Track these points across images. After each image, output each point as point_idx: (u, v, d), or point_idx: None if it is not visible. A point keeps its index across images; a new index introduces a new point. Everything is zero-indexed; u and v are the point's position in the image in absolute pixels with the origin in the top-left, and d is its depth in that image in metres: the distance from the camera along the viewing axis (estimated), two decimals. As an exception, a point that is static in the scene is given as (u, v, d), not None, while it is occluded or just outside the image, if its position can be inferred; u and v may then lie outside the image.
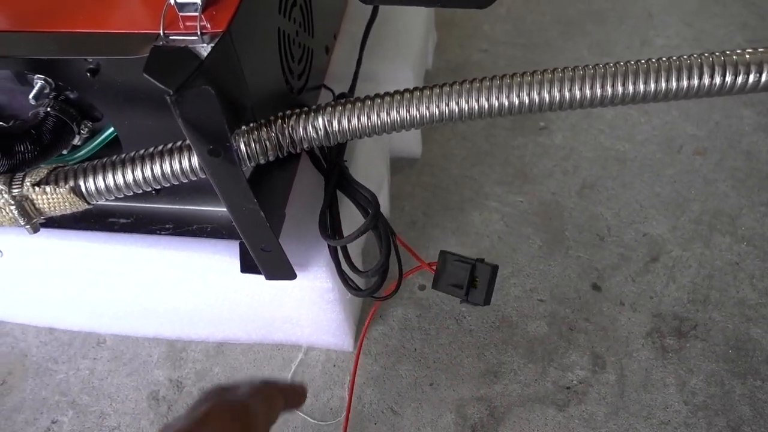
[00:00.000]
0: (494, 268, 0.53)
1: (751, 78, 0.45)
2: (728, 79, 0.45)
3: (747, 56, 0.45)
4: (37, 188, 0.46)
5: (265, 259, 0.52)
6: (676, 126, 0.83)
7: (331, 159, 0.60)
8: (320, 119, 0.47)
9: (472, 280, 0.54)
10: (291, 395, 0.43)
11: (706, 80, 0.46)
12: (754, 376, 0.59)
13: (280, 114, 0.48)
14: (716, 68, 0.46)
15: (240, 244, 0.55)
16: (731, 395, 0.58)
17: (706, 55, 0.46)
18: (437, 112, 0.48)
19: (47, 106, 0.49)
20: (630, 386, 0.60)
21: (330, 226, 0.56)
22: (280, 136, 0.47)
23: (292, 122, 0.48)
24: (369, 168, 0.66)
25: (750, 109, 0.84)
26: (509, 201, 0.76)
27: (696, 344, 0.62)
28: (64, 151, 0.53)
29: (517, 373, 0.61)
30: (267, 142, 0.47)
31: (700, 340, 0.62)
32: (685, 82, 0.46)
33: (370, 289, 0.56)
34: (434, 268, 0.56)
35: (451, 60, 0.96)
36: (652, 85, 0.47)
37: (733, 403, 0.58)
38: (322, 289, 0.56)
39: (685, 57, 0.47)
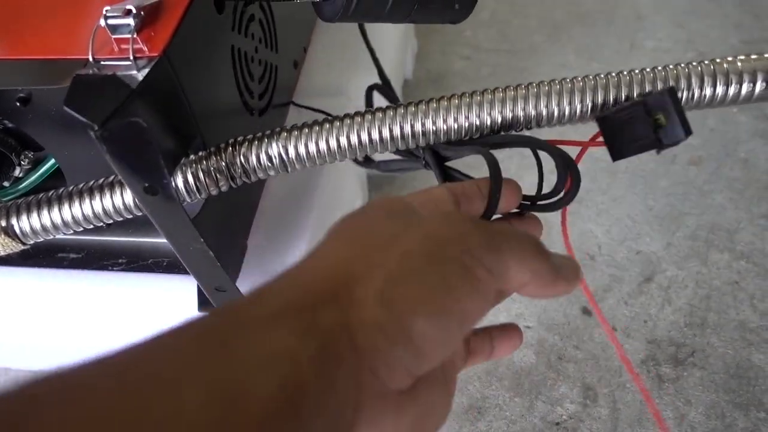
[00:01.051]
0: (671, 90, 0.41)
1: (746, 88, 0.41)
2: (719, 90, 0.41)
3: (739, 64, 0.41)
4: (-36, 230, 0.42)
5: (221, 299, 0.48)
6: (668, 134, 0.79)
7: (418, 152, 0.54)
8: (275, 146, 0.43)
9: (654, 121, 0.42)
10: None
11: (696, 91, 0.42)
12: (757, 407, 0.55)
13: (230, 141, 0.44)
14: (719, 77, 0.42)
15: (197, 280, 0.51)
16: (733, 429, 0.55)
17: (694, 64, 0.42)
18: (403, 134, 0.44)
19: None
20: (624, 421, 0.56)
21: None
22: (230, 165, 0.43)
23: (243, 149, 0.43)
24: (338, 188, 0.62)
25: (746, 114, 0.80)
26: (493, 218, 0.72)
27: (694, 372, 0.58)
28: (6, 183, 0.49)
29: (502, 408, 0.57)
30: (216, 173, 0.43)
31: (698, 368, 0.58)
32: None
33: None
34: (601, 140, 0.45)
35: (432, 69, 0.92)
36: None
37: (735, 437, 0.54)
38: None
39: (671, 66, 0.42)
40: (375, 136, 0.43)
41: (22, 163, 0.48)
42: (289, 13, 0.63)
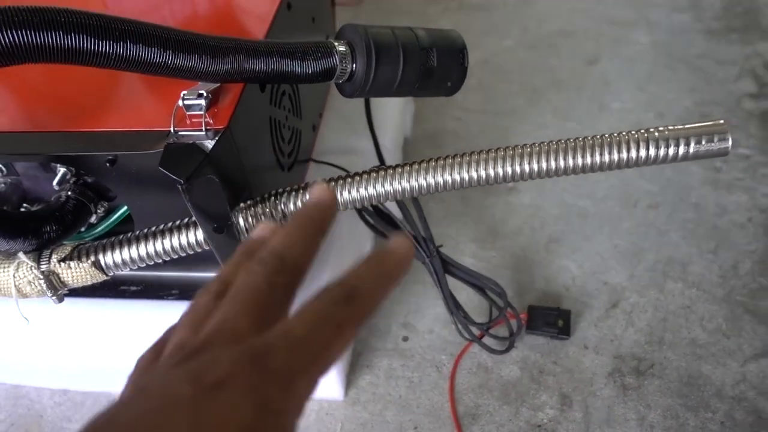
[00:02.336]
0: (569, 312, 0.75)
1: (671, 151, 0.53)
2: (651, 152, 0.53)
3: (666, 132, 0.54)
4: (62, 264, 0.53)
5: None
6: (631, 183, 0.92)
7: (429, 251, 0.67)
8: (308, 196, 0.55)
9: (556, 322, 0.73)
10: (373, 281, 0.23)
11: (639, 153, 0.54)
12: (705, 409, 0.66)
13: (273, 192, 0.56)
14: (650, 142, 0.54)
15: (239, 305, 0.62)
16: (685, 427, 0.65)
17: (633, 132, 0.54)
18: (409, 187, 0.56)
19: (68, 190, 0.55)
20: (594, 423, 0.66)
21: (460, 308, 0.69)
22: (273, 211, 0.55)
23: (283, 198, 0.55)
24: (352, 230, 0.73)
25: (697, 165, 0.93)
26: (484, 256, 0.84)
27: (653, 381, 0.68)
28: (82, 229, 0.59)
29: (492, 414, 0.67)
30: (262, 217, 0.54)
31: (656, 377, 0.69)
32: (615, 156, 0.54)
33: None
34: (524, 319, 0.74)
35: (428, 128, 1.05)
36: (590, 159, 0.54)
37: (687, 434, 0.64)
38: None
39: (624, 133, 0.54)
40: (387, 188, 0.55)
41: (98, 211, 0.59)
42: (309, 87, 0.76)
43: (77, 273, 0.55)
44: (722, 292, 0.76)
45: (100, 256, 0.55)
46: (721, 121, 0.53)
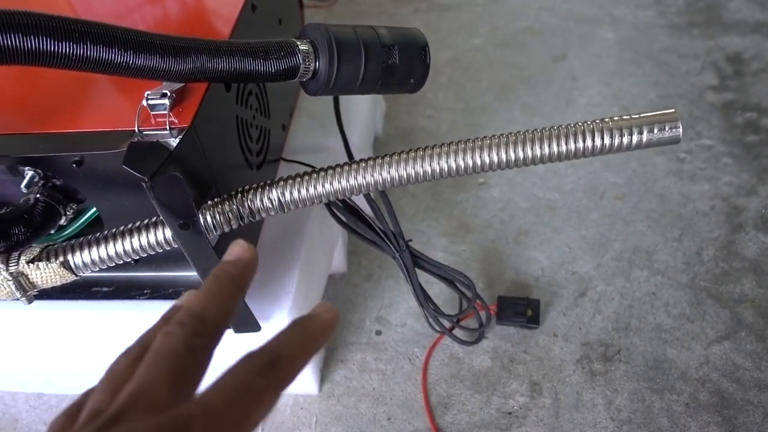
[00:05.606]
0: (538, 302, 0.76)
1: (626, 139, 0.55)
2: (606, 141, 0.55)
3: (621, 122, 0.55)
4: (31, 265, 0.53)
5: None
6: (598, 175, 0.94)
7: (399, 246, 0.67)
8: (274, 191, 0.56)
9: (525, 311, 0.74)
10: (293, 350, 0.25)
11: (594, 142, 0.55)
12: (670, 392, 0.68)
13: (239, 189, 0.56)
14: (605, 132, 0.56)
15: (210, 303, 0.62)
16: (651, 409, 0.66)
17: (588, 123, 0.56)
18: (375, 180, 0.57)
19: (37, 193, 0.55)
20: (564, 408, 0.67)
21: (430, 301, 0.70)
22: (240, 208, 0.55)
23: (250, 195, 0.56)
24: (323, 226, 0.74)
25: (662, 156, 0.95)
26: (454, 250, 0.85)
27: (620, 367, 0.70)
28: (52, 231, 0.59)
29: (464, 403, 0.68)
30: (229, 214, 0.55)
31: (623, 363, 0.71)
32: (572, 145, 0.55)
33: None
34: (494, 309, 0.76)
35: (400, 126, 1.06)
36: (547, 150, 0.56)
37: (653, 416, 0.66)
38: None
39: (579, 123, 0.56)
40: (352, 182, 0.56)
41: (67, 213, 0.59)
42: (278, 87, 0.76)
43: (46, 274, 0.55)
44: (686, 279, 0.78)
45: (69, 257, 0.55)
46: (672, 110, 0.54)
